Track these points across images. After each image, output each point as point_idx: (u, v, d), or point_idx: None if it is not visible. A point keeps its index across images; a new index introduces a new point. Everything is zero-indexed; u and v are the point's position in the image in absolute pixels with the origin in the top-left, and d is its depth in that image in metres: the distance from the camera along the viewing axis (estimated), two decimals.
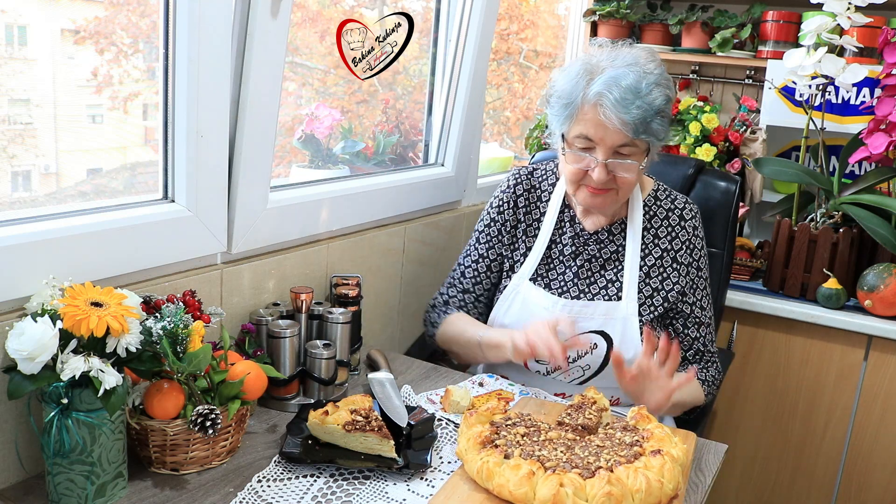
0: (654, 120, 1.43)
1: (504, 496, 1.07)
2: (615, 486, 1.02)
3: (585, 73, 1.44)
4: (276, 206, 1.51)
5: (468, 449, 1.15)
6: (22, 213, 1.19)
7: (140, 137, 1.48)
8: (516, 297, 1.61)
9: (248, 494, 1.11)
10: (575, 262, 1.60)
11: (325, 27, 1.89)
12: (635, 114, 1.40)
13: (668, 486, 1.06)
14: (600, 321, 1.55)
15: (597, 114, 1.42)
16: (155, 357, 1.11)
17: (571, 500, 1.02)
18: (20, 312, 1.11)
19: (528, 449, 1.13)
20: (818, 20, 2.00)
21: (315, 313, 1.51)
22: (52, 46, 1.30)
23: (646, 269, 1.58)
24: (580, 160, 1.47)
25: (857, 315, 2.07)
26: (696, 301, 1.61)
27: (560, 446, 1.15)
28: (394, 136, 2.07)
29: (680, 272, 1.58)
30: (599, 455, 1.12)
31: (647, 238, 1.59)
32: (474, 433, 1.17)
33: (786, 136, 2.54)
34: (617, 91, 1.39)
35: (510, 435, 1.17)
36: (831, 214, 2.16)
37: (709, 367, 1.62)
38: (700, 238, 1.62)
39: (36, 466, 1.15)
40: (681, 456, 1.13)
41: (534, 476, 1.05)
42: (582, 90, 1.43)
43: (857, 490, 2.16)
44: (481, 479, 1.10)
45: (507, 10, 2.73)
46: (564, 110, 1.47)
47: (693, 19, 2.61)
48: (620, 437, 1.18)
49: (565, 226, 1.62)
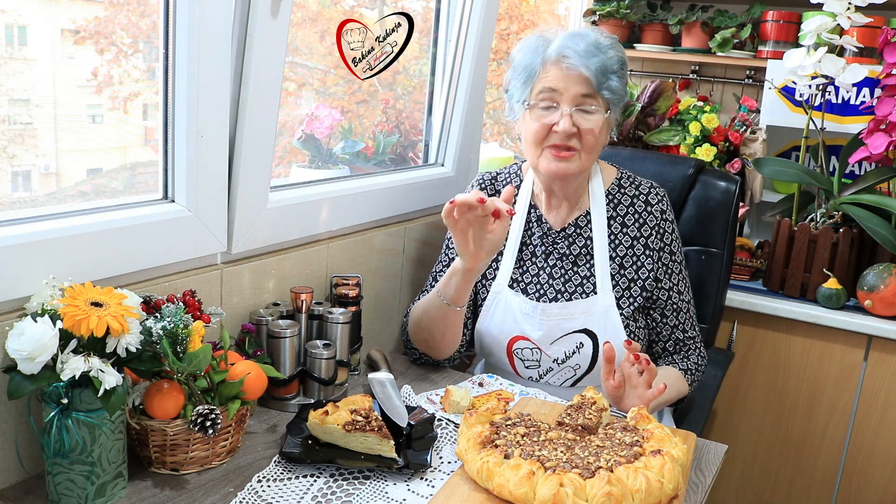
0: (612, 76, 1.49)
1: (504, 496, 1.07)
2: (615, 486, 1.02)
3: (542, 41, 1.51)
4: (276, 206, 1.51)
5: (468, 449, 1.15)
6: (22, 213, 1.19)
7: (140, 137, 1.48)
8: (498, 304, 1.61)
9: (249, 494, 1.11)
10: (547, 262, 1.61)
11: (325, 27, 1.89)
12: (596, 63, 1.47)
13: (669, 487, 1.06)
14: (581, 320, 1.55)
15: (560, 67, 1.48)
16: (155, 357, 1.11)
17: (571, 500, 1.02)
18: (20, 312, 1.11)
19: (528, 449, 1.13)
20: (818, 20, 2.00)
21: (315, 313, 1.51)
22: (52, 46, 1.30)
23: (618, 260, 1.58)
24: (545, 115, 1.49)
25: (857, 315, 2.07)
26: (672, 286, 1.60)
27: (560, 446, 1.15)
28: (394, 136, 2.07)
29: (653, 258, 1.58)
30: (599, 455, 1.12)
31: (615, 227, 1.59)
32: (474, 433, 1.17)
33: (786, 136, 2.54)
34: (581, 42, 1.48)
35: (510, 435, 1.17)
36: (831, 214, 2.16)
37: (690, 355, 1.62)
38: (669, 221, 1.61)
39: (36, 466, 1.15)
40: (681, 456, 1.12)
41: (534, 476, 1.04)
42: (542, 54, 1.50)
43: (857, 490, 2.16)
44: (481, 479, 1.10)
45: (507, 10, 2.73)
46: (525, 75, 1.51)
47: (693, 19, 2.61)
48: (620, 438, 1.18)
49: (533, 226, 1.63)
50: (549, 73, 1.49)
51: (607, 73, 1.48)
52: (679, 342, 1.61)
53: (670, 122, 2.41)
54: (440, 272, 1.68)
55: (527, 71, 1.51)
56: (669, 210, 1.62)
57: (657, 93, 2.30)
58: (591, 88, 1.48)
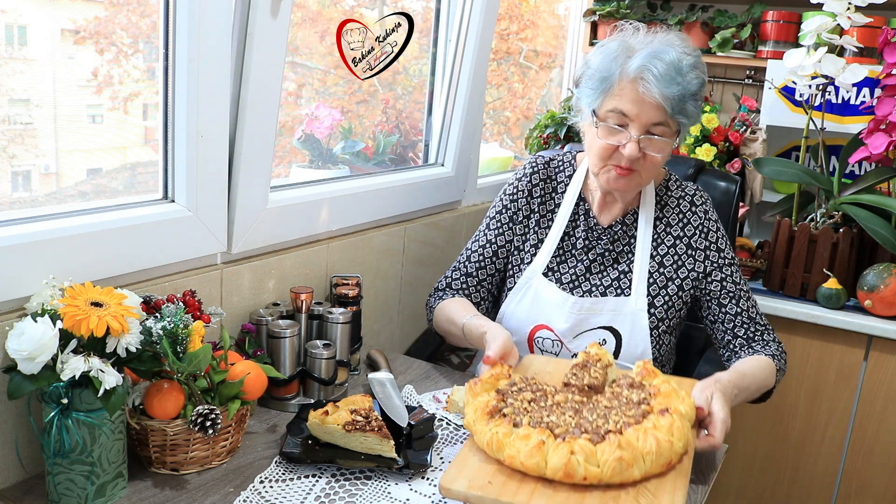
0: (689, 101, 1.44)
1: (516, 466, 1.04)
2: (626, 451, 1.01)
3: (624, 50, 1.45)
4: (276, 206, 1.51)
5: (476, 420, 1.12)
6: (22, 213, 1.19)
7: (140, 137, 1.48)
8: (528, 290, 1.59)
9: (251, 494, 1.11)
10: (587, 256, 1.59)
11: (325, 27, 1.89)
12: (675, 90, 1.40)
13: (678, 445, 1.06)
14: (609, 317, 1.54)
15: (636, 89, 1.42)
16: (155, 357, 1.11)
17: (583, 467, 1.01)
18: (20, 312, 1.11)
19: (536, 415, 1.11)
20: (818, 20, 2.00)
21: (315, 313, 1.51)
22: (52, 46, 1.30)
23: (658, 259, 1.57)
24: (613, 134, 1.46)
25: (857, 315, 2.07)
26: (724, 277, 1.57)
27: (568, 410, 1.13)
28: (394, 136, 2.07)
29: (696, 258, 1.57)
30: (608, 417, 1.10)
31: (660, 227, 1.59)
32: (481, 403, 1.14)
33: (786, 136, 2.54)
34: (661, 66, 1.40)
35: (517, 402, 1.15)
36: (831, 214, 2.16)
37: (769, 343, 1.55)
38: (713, 221, 1.60)
39: (36, 466, 1.15)
40: (689, 411, 1.12)
41: (544, 445, 1.03)
42: (620, 65, 1.44)
43: (857, 490, 2.16)
44: (492, 451, 1.08)
45: (507, 10, 2.73)
46: (601, 85, 1.46)
47: (693, 19, 2.61)
48: (628, 396, 1.16)
49: (579, 219, 1.61)
50: (624, 90, 1.43)
51: (685, 99, 1.43)
52: (750, 328, 1.55)
53: None
54: (475, 251, 1.65)
55: (602, 79, 1.46)
56: (713, 211, 1.61)
57: None
58: (664, 116, 1.43)
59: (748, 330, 1.56)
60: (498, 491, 1.01)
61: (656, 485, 1.03)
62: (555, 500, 1.00)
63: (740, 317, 1.56)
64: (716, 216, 1.61)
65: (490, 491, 1.01)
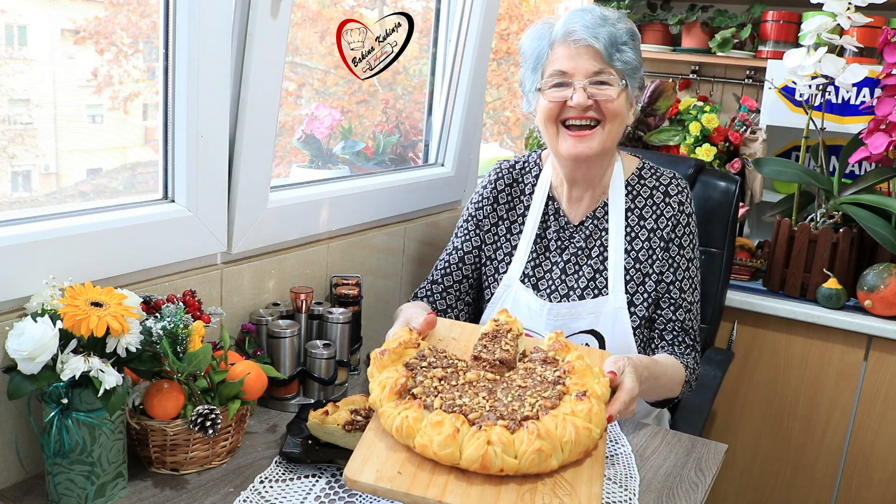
0: (624, 46, 1.44)
1: (428, 456, 0.98)
2: (545, 440, 0.98)
3: (547, 24, 1.49)
4: (276, 206, 1.51)
5: (383, 399, 1.05)
6: (22, 213, 1.19)
7: (140, 137, 1.48)
8: (507, 298, 1.57)
9: (251, 494, 1.11)
10: (561, 257, 1.56)
11: (325, 27, 1.89)
12: (604, 32, 1.42)
13: (596, 432, 1.03)
14: (590, 320, 1.52)
15: (568, 46, 1.44)
16: (155, 357, 1.11)
17: (500, 458, 0.96)
18: (20, 312, 1.11)
19: (448, 396, 1.05)
20: (818, 20, 2.00)
21: (315, 313, 1.51)
22: (52, 46, 1.30)
23: (634, 254, 1.52)
24: (556, 93, 1.45)
25: (857, 315, 2.08)
26: (673, 282, 1.52)
27: (482, 390, 1.08)
28: (394, 136, 2.07)
29: (665, 249, 1.52)
30: (524, 399, 1.06)
31: (632, 220, 1.54)
32: (389, 380, 1.07)
33: (786, 136, 2.54)
34: (586, 16, 1.43)
35: (427, 380, 1.08)
36: (831, 214, 2.16)
37: (686, 355, 1.51)
38: (687, 215, 1.54)
39: (36, 466, 1.15)
40: (604, 392, 1.09)
41: (458, 434, 0.97)
42: (548, 37, 1.47)
43: (857, 490, 2.16)
44: (401, 437, 1.01)
45: (507, 10, 2.73)
46: (536, 62, 1.48)
47: (693, 19, 2.61)
48: (542, 373, 1.12)
49: (550, 219, 1.58)
50: (557, 54, 1.45)
51: (617, 43, 1.43)
52: (678, 338, 1.52)
53: (670, 122, 2.41)
54: (442, 259, 1.65)
55: (535, 56, 1.48)
56: (689, 203, 1.55)
57: (657, 93, 2.30)
58: (602, 61, 1.42)
59: (676, 338, 1.53)
60: (409, 484, 0.95)
61: (573, 475, 1.01)
62: (469, 493, 0.95)
63: (672, 324, 1.53)
64: (691, 209, 1.55)
65: (400, 483, 0.95)
